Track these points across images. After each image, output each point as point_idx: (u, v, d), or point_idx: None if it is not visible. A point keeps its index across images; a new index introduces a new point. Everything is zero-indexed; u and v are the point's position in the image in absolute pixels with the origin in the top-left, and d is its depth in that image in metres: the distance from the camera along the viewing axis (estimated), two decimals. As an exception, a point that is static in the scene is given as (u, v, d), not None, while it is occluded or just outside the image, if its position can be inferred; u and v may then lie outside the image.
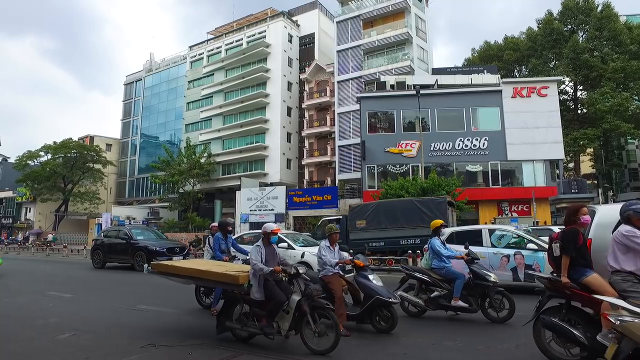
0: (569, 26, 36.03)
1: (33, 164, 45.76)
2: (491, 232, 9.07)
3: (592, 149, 37.73)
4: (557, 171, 28.29)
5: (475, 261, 6.59)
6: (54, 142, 44.92)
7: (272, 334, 4.89)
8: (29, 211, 50.57)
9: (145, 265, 7.34)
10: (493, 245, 8.77)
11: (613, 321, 3.04)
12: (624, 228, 3.86)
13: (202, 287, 7.70)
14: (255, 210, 29.67)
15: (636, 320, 2.95)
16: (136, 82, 55.88)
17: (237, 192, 33.10)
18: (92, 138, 53.04)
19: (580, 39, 34.99)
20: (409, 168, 27.00)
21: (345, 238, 15.24)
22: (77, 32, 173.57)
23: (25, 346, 5.09)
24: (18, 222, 50.82)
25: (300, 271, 5.01)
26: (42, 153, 45.43)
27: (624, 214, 3.91)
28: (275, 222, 27.87)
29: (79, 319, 6.72)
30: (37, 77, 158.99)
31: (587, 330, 3.94)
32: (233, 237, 8.19)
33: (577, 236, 4.12)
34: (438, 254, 6.49)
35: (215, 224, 8.18)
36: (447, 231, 8.95)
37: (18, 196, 51.29)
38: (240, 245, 8.23)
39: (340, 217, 18.50)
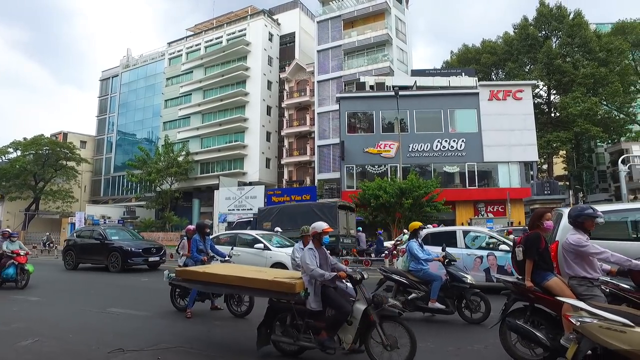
0: (543, 32, 37.16)
1: (1, 160, 44.04)
2: (465, 233, 9.24)
3: (564, 152, 39.02)
4: (531, 173, 29.10)
5: (452, 263, 6.68)
6: (24, 139, 43.33)
7: (333, 349, 4.30)
8: (-3, 210, 48.58)
9: (166, 272, 7.01)
10: (467, 247, 8.94)
11: (574, 322, 3.14)
12: (572, 237, 3.98)
13: (177, 289, 7.46)
14: (233, 209, 29.40)
15: (595, 321, 3.05)
16: (112, 77, 54.52)
17: (215, 191, 32.77)
18: (65, 135, 51.39)
19: (554, 44, 36.11)
20: (387, 169, 27.25)
21: None
22: (50, 23, 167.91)
23: (-17, 354, 4.88)
24: (-16, 221, 48.77)
25: (366, 277, 4.52)
26: (10, 149, 43.76)
27: (578, 220, 4.03)
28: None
29: (45, 323, 6.48)
30: (5, 70, 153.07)
31: (549, 332, 4.07)
32: (210, 238, 8.03)
33: (539, 241, 4.23)
34: (415, 256, 6.55)
35: (191, 226, 8.02)
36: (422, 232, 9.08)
37: (-16, 194, 49.23)
38: (216, 247, 8.08)
39: (252, 219, 19.72)
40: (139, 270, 14.39)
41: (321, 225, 4.74)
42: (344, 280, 5.62)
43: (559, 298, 3.75)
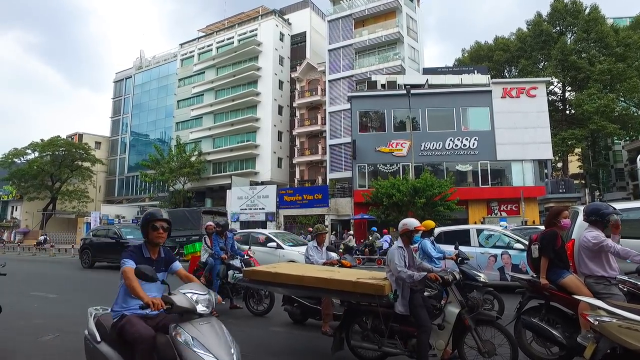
0: (558, 28, 36.51)
1: (19, 161, 45.07)
2: (479, 232, 9.17)
3: (579, 149, 38.30)
4: (546, 171, 28.65)
5: (465, 261, 6.64)
6: (42, 140, 44.29)
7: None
8: (15, 210, 49.80)
9: (232, 272, 6.96)
10: (481, 245, 8.87)
11: (592, 321, 3.09)
12: (590, 234, 3.92)
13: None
14: (245, 209, 29.60)
15: (614, 321, 3.01)
16: (126, 79, 55.35)
17: (227, 190, 33.02)
18: (80, 136, 52.41)
19: (569, 40, 35.45)
20: (399, 167, 27.12)
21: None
22: (63, 24, 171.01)
23: (5, 349, 5.00)
24: (4, 220, 50.01)
25: (458, 277, 4.29)
26: (29, 151, 44.76)
27: (605, 219, 3.97)
28: (266, 221, 27.97)
29: (64, 320, 6.63)
30: (22, 73, 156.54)
31: (565, 330, 4.03)
32: (231, 237, 8.07)
33: (555, 238, 4.19)
34: (428, 255, 6.52)
35: (211, 223, 8.12)
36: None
37: (4, 194, 50.47)
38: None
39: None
40: (154, 269, 14.57)
41: (413, 222, 4.35)
42: None
43: (576, 296, 3.70)
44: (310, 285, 4.48)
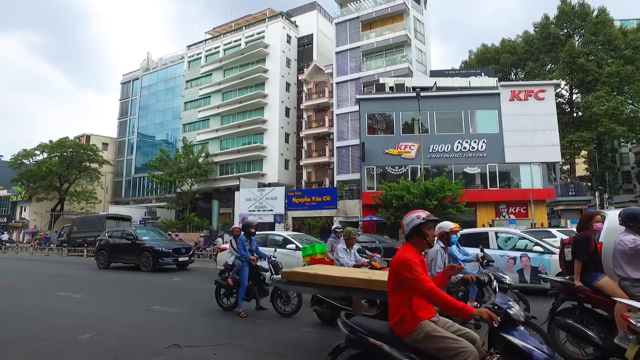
0: (565, 30, 36.54)
1: (28, 162, 45.49)
2: (497, 234, 9.26)
3: (586, 152, 38.29)
4: (554, 174, 28.67)
5: (490, 264, 6.73)
6: (50, 141, 44.72)
7: None
8: (24, 210, 50.19)
9: (268, 274, 7.09)
10: (500, 248, 8.96)
11: (634, 323, 3.20)
12: (627, 238, 4.02)
13: (222, 288, 7.66)
14: (254, 210, 29.71)
15: (656, 323, 3.11)
16: (133, 81, 55.71)
17: (235, 192, 33.19)
18: (88, 137, 52.83)
19: (576, 43, 35.45)
20: (408, 170, 27.21)
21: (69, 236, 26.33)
22: (67, 28, 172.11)
23: (48, 345, 5.14)
24: (13, 221, 50.40)
25: (493, 278, 4.35)
26: (37, 152, 45.18)
27: None
28: (274, 223, 28.10)
29: (96, 319, 6.77)
30: (27, 74, 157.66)
31: (600, 331, 4.12)
32: (255, 239, 8.15)
33: (588, 242, 4.31)
34: (454, 257, 6.62)
35: (237, 225, 8.23)
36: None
37: (13, 195, 50.89)
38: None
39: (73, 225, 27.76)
40: (169, 270, 14.75)
41: (448, 224, 4.51)
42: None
43: (616, 299, 3.80)
44: (349, 286, 4.55)
